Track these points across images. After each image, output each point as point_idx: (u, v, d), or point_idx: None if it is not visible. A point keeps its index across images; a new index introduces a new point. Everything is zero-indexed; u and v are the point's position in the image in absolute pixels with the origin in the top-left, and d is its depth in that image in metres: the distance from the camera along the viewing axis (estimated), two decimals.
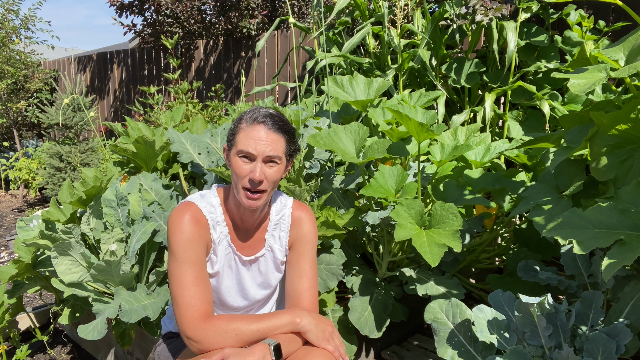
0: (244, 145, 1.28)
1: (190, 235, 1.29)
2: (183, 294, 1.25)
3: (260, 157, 1.28)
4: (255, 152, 1.27)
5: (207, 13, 5.96)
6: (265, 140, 1.28)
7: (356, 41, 2.97)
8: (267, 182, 1.29)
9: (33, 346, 2.45)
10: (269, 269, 1.46)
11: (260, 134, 1.28)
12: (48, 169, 4.83)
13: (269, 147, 1.28)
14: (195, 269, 1.28)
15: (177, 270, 1.27)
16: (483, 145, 2.16)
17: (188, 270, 1.27)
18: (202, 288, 1.28)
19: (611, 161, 1.43)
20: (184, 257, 1.28)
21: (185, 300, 1.24)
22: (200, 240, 1.31)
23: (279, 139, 1.30)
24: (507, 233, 2.43)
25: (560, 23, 3.03)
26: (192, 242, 1.29)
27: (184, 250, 1.28)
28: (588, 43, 1.53)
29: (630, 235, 1.21)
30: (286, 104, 4.75)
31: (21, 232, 2.26)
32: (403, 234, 1.68)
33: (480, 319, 1.44)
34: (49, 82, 7.40)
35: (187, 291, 1.25)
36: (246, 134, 1.29)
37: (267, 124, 1.29)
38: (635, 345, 1.35)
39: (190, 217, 1.31)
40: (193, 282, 1.27)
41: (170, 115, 3.53)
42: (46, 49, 7.36)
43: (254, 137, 1.28)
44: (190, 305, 1.24)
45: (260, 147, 1.27)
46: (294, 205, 1.48)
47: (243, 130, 1.30)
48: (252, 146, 1.27)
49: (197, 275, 1.28)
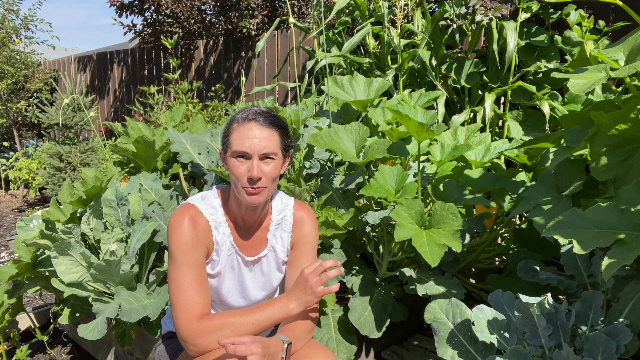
0: (238, 145, 1.27)
1: (189, 238, 1.28)
2: (180, 297, 1.25)
3: (256, 154, 1.27)
4: (250, 150, 1.26)
5: (207, 13, 5.96)
6: (259, 137, 1.27)
7: (356, 41, 2.97)
8: (266, 179, 1.29)
9: (33, 346, 2.45)
10: (271, 269, 1.46)
11: (254, 132, 1.27)
12: (48, 169, 4.83)
13: (263, 143, 1.27)
14: (194, 272, 1.28)
15: (176, 273, 1.27)
16: (483, 145, 2.16)
17: (186, 274, 1.27)
18: (200, 291, 1.27)
19: (611, 161, 1.43)
20: (183, 260, 1.27)
21: (183, 303, 1.24)
22: (199, 243, 1.31)
23: (272, 134, 1.29)
24: (507, 233, 2.43)
25: (560, 23, 3.03)
26: (190, 245, 1.28)
27: (183, 254, 1.28)
28: (588, 43, 1.53)
29: (630, 235, 1.21)
30: (286, 104, 4.75)
31: (21, 232, 2.26)
32: (403, 234, 1.68)
33: (480, 319, 1.44)
34: (49, 82, 7.40)
35: (184, 294, 1.25)
36: (239, 133, 1.28)
37: (258, 121, 1.28)
38: (635, 345, 1.35)
39: (190, 219, 1.30)
40: (191, 285, 1.26)
41: (170, 115, 3.53)
42: (46, 49, 7.37)
43: (247, 136, 1.27)
44: (187, 308, 1.24)
45: (255, 144, 1.26)
46: (296, 206, 1.47)
47: (235, 130, 1.29)
48: (246, 145, 1.26)
49: (195, 278, 1.28)
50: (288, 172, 2.12)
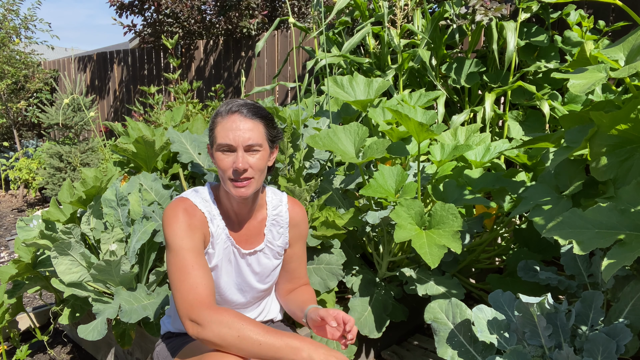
0: (222, 138, 1.26)
1: (186, 225, 1.27)
2: (184, 279, 1.21)
3: (241, 146, 1.26)
4: (234, 142, 1.26)
5: (207, 13, 5.96)
6: (243, 129, 1.26)
7: (356, 41, 2.97)
8: (253, 170, 1.28)
9: (33, 346, 2.45)
10: (269, 262, 1.47)
11: (237, 124, 1.26)
12: (48, 169, 4.83)
13: (247, 134, 1.26)
14: (194, 254, 1.25)
15: (175, 258, 1.24)
16: (483, 145, 2.16)
17: (187, 256, 1.24)
18: (204, 272, 1.24)
19: (611, 161, 1.43)
20: (182, 244, 1.25)
21: (188, 284, 1.20)
22: (197, 230, 1.29)
23: (256, 125, 1.29)
24: (507, 233, 2.43)
25: (560, 23, 3.03)
26: (188, 230, 1.27)
27: (182, 238, 1.25)
28: (588, 43, 1.53)
29: (630, 235, 1.21)
30: (286, 104, 4.75)
31: (21, 232, 2.26)
32: (403, 234, 1.68)
33: (480, 319, 1.44)
34: (49, 82, 7.40)
35: (187, 275, 1.21)
36: (223, 126, 1.27)
37: (242, 112, 1.28)
38: (635, 345, 1.35)
39: (185, 210, 1.30)
40: (193, 266, 1.23)
41: (170, 115, 3.53)
42: (46, 49, 7.36)
43: (231, 128, 1.26)
44: (193, 287, 1.20)
45: (238, 135, 1.25)
46: (289, 202, 1.51)
47: (219, 123, 1.28)
48: (230, 137, 1.25)
49: (196, 260, 1.25)
50: (288, 172, 2.12)
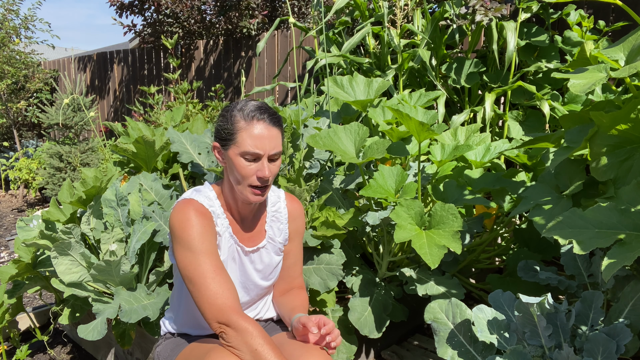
0: (250, 146, 1.28)
1: (201, 227, 1.29)
2: (208, 285, 1.22)
3: (266, 155, 1.30)
4: (263, 151, 1.29)
5: (207, 13, 5.96)
6: (268, 139, 1.30)
7: (356, 41, 2.97)
8: (272, 177, 1.34)
9: (33, 346, 2.44)
10: (271, 259, 1.48)
11: (264, 133, 1.29)
12: (48, 169, 4.83)
13: (273, 143, 1.30)
14: (213, 259, 1.27)
15: (195, 262, 1.25)
16: (483, 145, 2.16)
17: (207, 261, 1.25)
18: (225, 277, 1.26)
19: (611, 161, 1.43)
20: (201, 248, 1.26)
21: (213, 290, 1.21)
22: (212, 231, 1.32)
23: (278, 133, 1.33)
24: (507, 233, 2.43)
25: (560, 23, 3.03)
26: (204, 233, 1.29)
27: (201, 242, 1.27)
28: (588, 43, 1.53)
29: (630, 235, 1.21)
30: (286, 104, 4.75)
31: (21, 232, 2.26)
32: (403, 235, 1.67)
33: (480, 319, 1.44)
34: (49, 82, 7.40)
35: (212, 280, 1.23)
36: (249, 133, 1.28)
37: (266, 121, 1.30)
38: (635, 345, 1.35)
39: (196, 211, 1.31)
40: (215, 271, 1.25)
41: (170, 115, 3.53)
42: (46, 49, 7.37)
43: (259, 136, 1.28)
44: (219, 293, 1.21)
45: (266, 144, 1.29)
46: (287, 198, 1.53)
47: (244, 129, 1.29)
48: (258, 147, 1.28)
49: (216, 265, 1.26)
50: (288, 172, 2.12)
